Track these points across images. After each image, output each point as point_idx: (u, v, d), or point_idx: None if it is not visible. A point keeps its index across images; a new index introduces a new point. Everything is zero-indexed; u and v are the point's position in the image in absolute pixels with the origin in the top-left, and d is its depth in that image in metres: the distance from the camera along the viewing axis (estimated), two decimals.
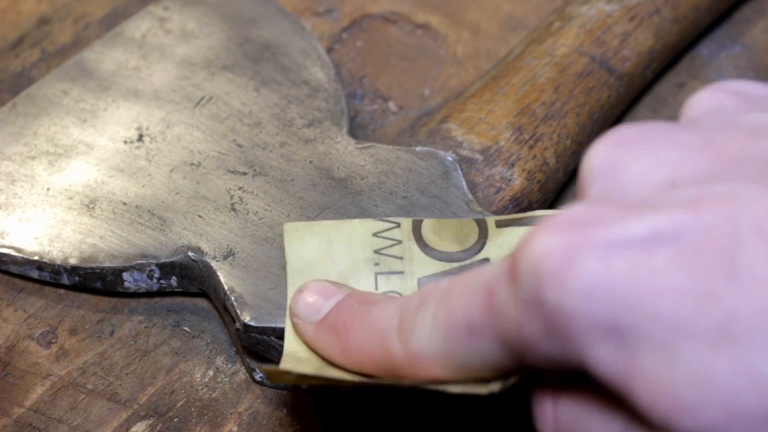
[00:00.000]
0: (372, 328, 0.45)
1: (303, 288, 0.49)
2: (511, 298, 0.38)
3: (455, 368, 0.41)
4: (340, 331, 0.47)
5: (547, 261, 0.36)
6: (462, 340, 0.40)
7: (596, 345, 0.36)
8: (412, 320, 0.43)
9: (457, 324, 0.40)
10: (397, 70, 0.72)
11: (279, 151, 0.62)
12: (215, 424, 0.56)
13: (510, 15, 0.74)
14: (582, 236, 0.36)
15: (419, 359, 0.42)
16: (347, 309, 0.47)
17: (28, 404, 0.57)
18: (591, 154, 0.39)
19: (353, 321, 0.46)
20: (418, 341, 0.42)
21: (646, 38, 0.67)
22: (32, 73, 0.70)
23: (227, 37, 0.68)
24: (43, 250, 0.59)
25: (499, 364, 0.40)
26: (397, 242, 0.52)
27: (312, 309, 0.48)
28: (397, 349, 0.43)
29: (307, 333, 0.48)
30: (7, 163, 0.63)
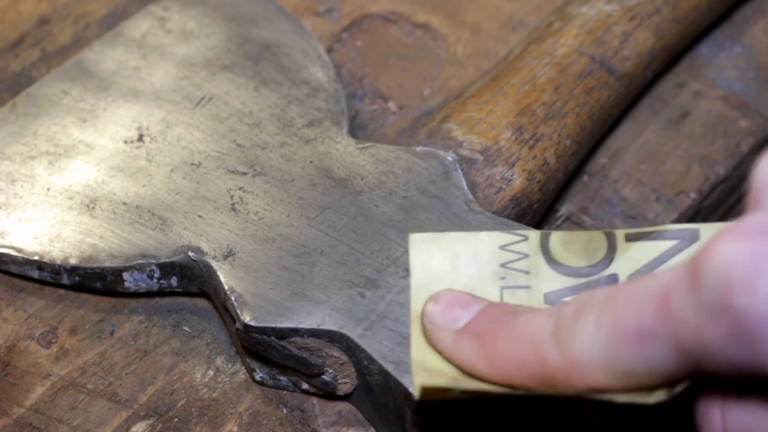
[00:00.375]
0: (522, 335, 0.44)
1: (437, 296, 0.49)
2: (692, 304, 0.38)
3: (619, 376, 0.41)
4: (485, 338, 0.46)
5: (735, 266, 0.37)
6: (630, 346, 0.41)
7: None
8: (570, 327, 0.43)
9: (625, 330, 0.41)
10: (397, 70, 0.72)
11: (279, 151, 0.62)
12: (215, 424, 0.56)
13: (510, 15, 0.74)
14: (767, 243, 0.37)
15: (579, 367, 0.42)
16: (492, 317, 0.47)
17: (28, 404, 0.57)
18: (761, 166, 0.40)
19: (500, 329, 0.45)
20: (579, 348, 0.42)
21: (646, 38, 0.67)
22: (32, 73, 0.70)
23: (227, 37, 0.68)
24: (43, 250, 0.59)
25: (668, 371, 0.40)
26: (524, 256, 0.51)
27: (451, 317, 0.48)
28: (553, 356, 0.43)
29: (445, 341, 0.47)
30: (7, 163, 0.63)
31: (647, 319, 0.40)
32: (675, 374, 0.40)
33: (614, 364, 0.41)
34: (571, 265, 0.50)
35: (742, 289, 0.37)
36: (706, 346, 0.38)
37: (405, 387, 0.51)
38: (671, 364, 0.40)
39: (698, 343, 0.39)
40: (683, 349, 0.39)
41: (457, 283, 0.50)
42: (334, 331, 0.54)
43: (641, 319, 0.40)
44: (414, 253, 0.51)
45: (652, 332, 0.40)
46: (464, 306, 0.48)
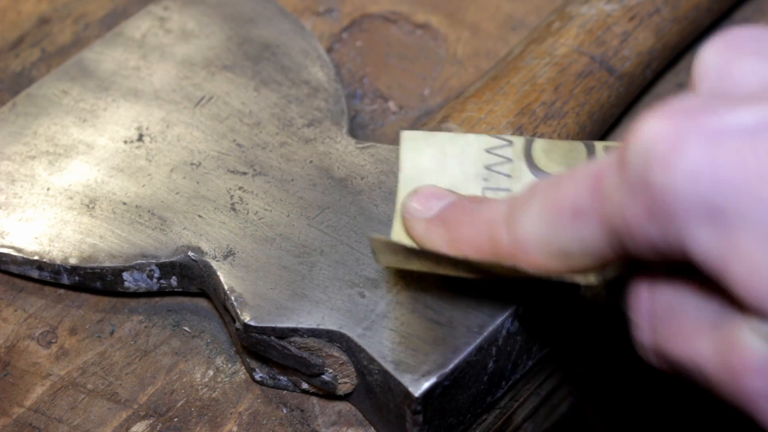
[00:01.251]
0: (481, 220, 0.47)
1: (418, 190, 0.52)
2: (619, 182, 0.39)
3: (556, 255, 0.43)
4: (450, 224, 0.49)
5: (656, 144, 0.38)
6: (566, 224, 0.42)
7: (697, 226, 0.37)
8: (520, 209, 0.45)
9: (562, 209, 0.42)
10: (397, 70, 0.72)
11: (279, 151, 0.62)
12: (215, 423, 0.56)
13: (510, 15, 0.74)
14: (692, 122, 0.37)
15: (523, 245, 0.44)
16: (459, 205, 0.50)
17: (28, 404, 0.57)
18: (702, 53, 0.41)
19: (464, 216, 0.49)
20: (523, 228, 0.44)
21: (646, 38, 0.67)
22: (32, 73, 0.70)
23: (227, 36, 0.68)
24: (43, 249, 0.59)
25: (599, 251, 0.42)
26: (507, 160, 0.53)
27: (425, 207, 0.51)
28: (502, 236, 0.45)
29: (418, 228, 0.51)
30: (7, 163, 0.63)
31: (582, 198, 0.41)
32: (604, 254, 0.42)
33: (551, 243, 0.43)
34: (552, 172, 0.52)
35: (660, 166, 0.38)
36: (628, 224, 0.39)
37: (405, 387, 0.51)
38: (600, 243, 0.41)
39: (621, 220, 0.39)
40: (609, 227, 0.40)
41: (443, 180, 0.53)
42: (333, 331, 0.54)
43: (577, 197, 0.42)
44: (405, 149, 0.54)
45: (585, 210, 0.41)
46: (439, 198, 0.51)
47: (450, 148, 0.54)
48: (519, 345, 0.55)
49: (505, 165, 0.53)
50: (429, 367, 0.52)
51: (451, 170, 0.53)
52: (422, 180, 0.53)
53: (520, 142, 0.54)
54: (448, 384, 0.52)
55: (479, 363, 0.53)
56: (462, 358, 0.52)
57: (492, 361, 0.54)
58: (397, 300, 0.54)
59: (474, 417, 0.56)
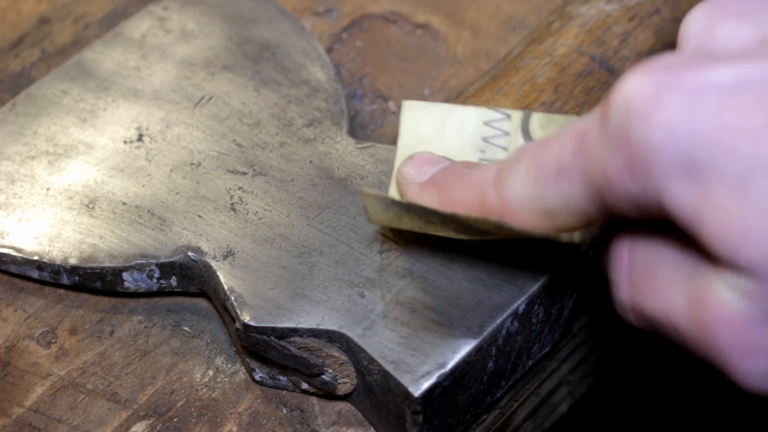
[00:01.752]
0: (472, 182, 0.48)
1: (413, 156, 0.53)
2: (600, 137, 0.40)
3: (541, 213, 0.44)
4: (442, 187, 0.50)
5: (636, 98, 0.39)
6: (550, 182, 0.43)
7: (674, 179, 0.38)
8: (508, 170, 0.46)
9: (547, 167, 0.43)
10: (397, 70, 0.72)
11: (279, 151, 0.62)
12: (215, 424, 0.56)
13: (510, 15, 0.74)
14: (673, 78, 0.38)
15: (510, 204, 0.46)
16: (451, 170, 0.51)
17: (28, 404, 0.57)
18: (688, 17, 0.42)
19: (455, 179, 0.50)
20: (511, 187, 0.45)
21: (646, 38, 0.67)
22: (32, 73, 0.70)
23: (227, 37, 0.68)
24: (43, 250, 0.59)
25: (582, 209, 0.43)
26: (504, 133, 0.54)
27: (419, 172, 0.52)
28: (491, 197, 0.47)
29: (411, 192, 0.52)
30: (7, 163, 0.63)
31: (566, 155, 0.42)
32: (586, 212, 0.43)
33: (536, 202, 0.44)
34: None
35: (639, 120, 0.39)
36: (608, 178, 0.40)
37: (405, 387, 0.51)
38: (583, 200, 0.42)
39: (602, 175, 0.40)
40: (591, 183, 0.41)
41: (440, 150, 0.54)
42: (333, 331, 0.54)
43: (561, 156, 0.43)
44: (405, 117, 0.55)
45: (568, 167, 0.42)
46: (433, 164, 0.52)
47: (449, 119, 0.55)
48: (519, 345, 0.55)
49: (502, 138, 0.54)
50: (429, 367, 0.52)
51: (449, 140, 0.55)
52: (420, 148, 0.54)
53: (518, 115, 0.54)
54: (447, 384, 0.52)
55: (479, 363, 0.53)
56: (462, 358, 0.52)
57: (492, 361, 0.54)
58: (397, 300, 0.54)
59: (474, 417, 0.56)
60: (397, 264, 0.56)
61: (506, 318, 0.53)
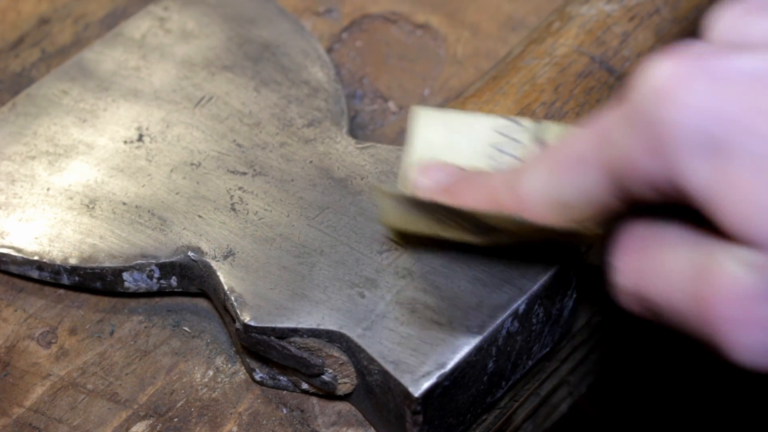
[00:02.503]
0: (485, 186, 0.49)
1: (425, 166, 0.53)
2: (623, 123, 0.41)
3: (559, 206, 0.45)
4: (455, 193, 0.50)
5: (663, 81, 0.40)
6: (568, 174, 0.44)
7: (695, 158, 0.39)
8: (522, 171, 0.46)
9: (565, 159, 0.44)
10: (397, 70, 0.72)
11: (279, 151, 0.62)
12: (215, 424, 0.56)
13: (510, 15, 0.74)
14: (698, 63, 0.39)
15: (525, 200, 0.46)
16: (465, 177, 0.51)
17: (28, 404, 0.57)
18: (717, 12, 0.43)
19: (468, 185, 0.50)
20: (526, 184, 0.46)
21: (646, 38, 0.67)
22: (32, 73, 0.70)
23: (227, 37, 0.68)
24: (43, 250, 0.59)
25: (600, 199, 0.43)
26: (517, 142, 0.54)
27: (430, 179, 0.52)
28: (505, 197, 0.47)
29: None
30: (7, 163, 0.63)
31: (585, 145, 0.43)
32: (606, 202, 0.43)
33: (553, 195, 0.45)
34: None
35: (665, 101, 0.39)
36: (629, 161, 0.41)
37: (405, 387, 0.51)
38: (601, 189, 0.43)
39: (621, 158, 0.41)
40: (611, 170, 0.42)
41: (451, 157, 0.54)
42: (333, 331, 0.54)
43: (578, 147, 0.43)
44: (417, 124, 0.55)
45: (585, 157, 0.43)
46: (447, 174, 0.52)
47: (461, 126, 0.55)
48: (519, 345, 0.55)
49: (515, 147, 0.54)
50: (429, 367, 0.52)
51: (461, 148, 0.54)
52: (431, 155, 0.54)
53: (531, 125, 0.54)
54: (448, 384, 0.52)
55: (479, 363, 0.53)
56: (462, 358, 0.52)
57: (492, 362, 0.54)
58: (397, 300, 0.54)
59: (474, 417, 0.56)
60: (397, 264, 0.56)
61: (506, 318, 0.53)
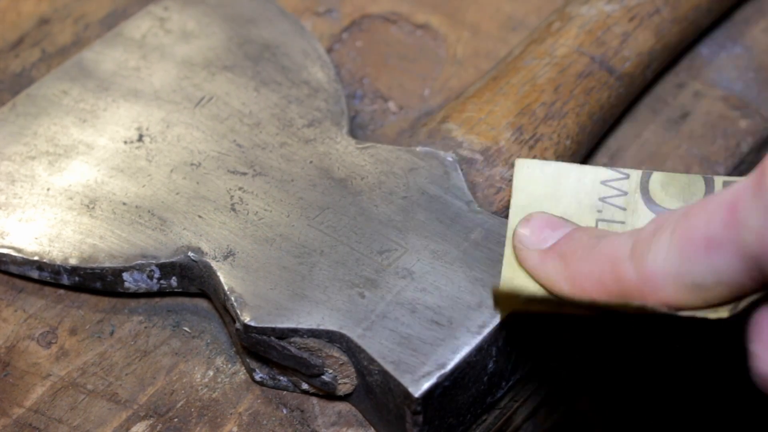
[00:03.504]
0: (603, 254, 0.46)
1: (530, 217, 0.50)
2: (756, 208, 0.39)
3: (689, 288, 0.42)
4: (568, 258, 0.47)
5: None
6: (699, 256, 0.41)
7: None
8: (646, 244, 0.44)
9: (695, 240, 0.41)
10: (397, 71, 0.72)
11: (279, 152, 0.62)
12: (215, 424, 0.56)
13: (510, 15, 0.74)
14: None
15: (652, 280, 0.43)
16: (577, 239, 0.48)
17: (28, 404, 0.57)
18: None
19: (583, 249, 0.47)
20: (653, 262, 0.43)
21: (646, 38, 0.67)
22: (32, 73, 0.70)
23: (227, 37, 0.68)
24: (43, 250, 0.59)
25: (734, 281, 0.41)
26: (623, 193, 0.52)
27: (539, 237, 0.49)
28: (629, 272, 0.44)
29: (531, 260, 0.49)
30: (7, 163, 0.63)
31: (716, 228, 0.40)
32: (741, 284, 0.41)
33: (684, 276, 0.42)
34: (668, 206, 0.51)
35: None
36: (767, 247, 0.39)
37: (405, 387, 0.51)
38: (737, 272, 0.40)
39: (761, 245, 0.39)
40: (747, 254, 0.39)
41: (556, 210, 0.52)
42: (333, 332, 0.54)
43: (710, 228, 0.41)
44: (518, 176, 0.53)
45: (719, 240, 0.40)
46: (553, 228, 0.49)
47: (564, 177, 0.53)
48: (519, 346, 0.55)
49: (620, 198, 0.52)
50: (429, 367, 0.52)
51: (565, 200, 0.52)
52: (534, 207, 0.52)
53: (636, 175, 0.52)
54: (448, 384, 0.52)
55: (479, 363, 0.53)
56: (462, 359, 0.52)
57: (492, 362, 0.54)
58: (397, 300, 0.54)
59: (474, 417, 0.56)
60: (398, 264, 0.56)
61: (507, 318, 0.53)
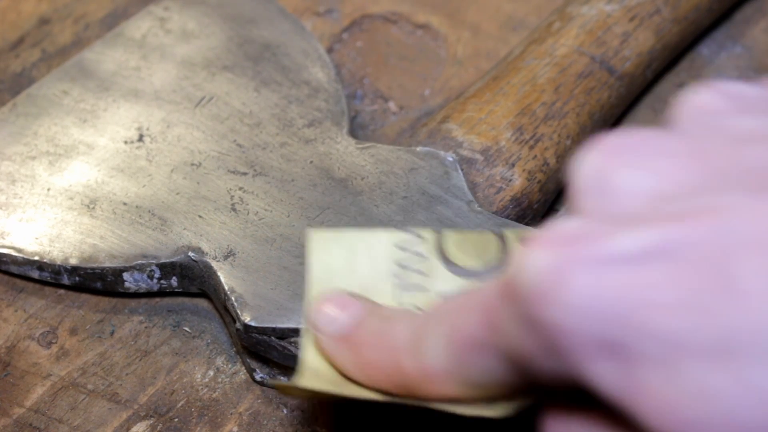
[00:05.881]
0: (386, 344, 0.44)
1: (325, 297, 0.48)
2: (508, 316, 0.37)
3: (467, 386, 0.41)
4: (356, 346, 0.46)
5: (538, 278, 0.35)
6: (469, 356, 0.40)
7: (594, 361, 0.35)
8: (423, 337, 0.42)
9: (463, 340, 0.40)
10: (398, 70, 0.72)
11: (279, 152, 0.62)
12: (215, 424, 0.56)
13: (510, 15, 0.74)
14: (572, 252, 0.35)
15: (431, 377, 0.42)
16: (366, 326, 0.46)
17: (28, 404, 0.57)
18: (579, 163, 0.39)
19: (369, 337, 0.45)
20: (429, 358, 0.42)
21: (646, 38, 0.67)
22: (32, 74, 0.70)
23: (227, 37, 0.68)
24: (44, 250, 0.59)
25: (507, 381, 0.39)
26: (420, 256, 0.50)
27: (328, 320, 0.47)
28: (409, 366, 0.43)
29: (327, 346, 0.47)
30: (7, 164, 0.63)
31: (478, 330, 0.39)
32: (514, 385, 0.39)
33: (460, 374, 0.41)
34: (465, 266, 0.50)
35: (545, 302, 0.35)
36: (525, 358, 0.37)
37: None
38: (506, 374, 0.39)
39: (518, 355, 0.37)
40: (510, 359, 0.38)
41: (353, 281, 0.49)
42: None
43: (473, 329, 0.39)
44: (312, 250, 0.50)
45: (483, 342, 0.39)
46: (342, 308, 0.47)
47: (360, 246, 0.50)
48: None
49: (418, 262, 0.50)
50: None
51: (362, 270, 0.50)
52: (332, 282, 0.49)
53: (431, 236, 0.50)
54: None
55: None
56: None
57: None
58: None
59: None
60: None
61: None
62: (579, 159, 0.39)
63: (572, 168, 0.39)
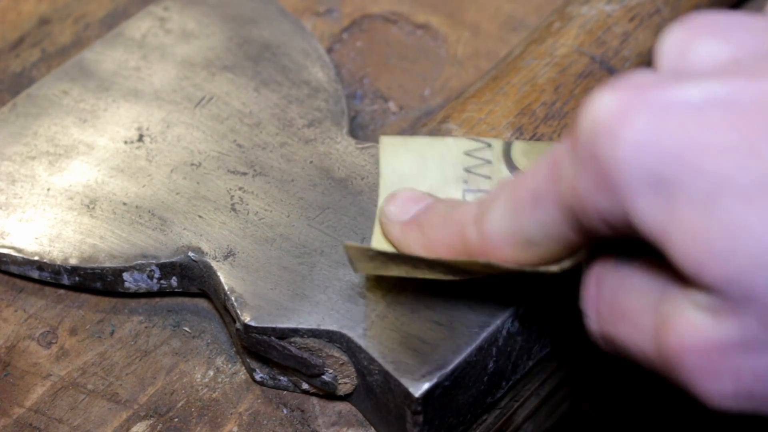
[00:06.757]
0: (453, 221, 0.48)
1: (395, 194, 0.52)
2: (570, 158, 0.40)
3: (523, 244, 0.44)
4: (424, 227, 0.50)
5: (603, 116, 0.39)
6: (526, 211, 0.43)
7: (641, 195, 0.38)
8: (487, 207, 0.46)
9: (523, 197, 0.43)
10: (398, 70, 0.72)
11: (279, 152, 0.62)
12: (215, 424, 0.56)
13: (510, 15, 0.74)
14: (639, 95, 0.38)
15: (491, 240, 0.45)
16: (434, 209, 0.50)
17: (28, 404, 0.57)
18: (664, 37, 0.42)
19: (438, 218, 0.49)
20: (490, 222, 0.45)
21: (646, 38, 0.67)
22: (32, 74, 0.70)
23: (227, 37, 0.68)
24: (44, 250, 0.59)
25: (560, 235, 0.42)
26: (486, 162, 0.53)
27: (401, 210, 0.51)
28: (472, 235, 0.46)
29: (395, 232, 0.51)
30: (7, 164, 0.63)
31: (539, 183, 0.42)
32: (566, 238, 0.42)
33: (517, 233, 0.44)
34: None
35: (606, 137, 0.38)
36: (579, 198, 0.40)
37: (405, 387, 0.51)
38: (560, 224, 0.42)
39: (573, 196, 0.40)
40: (565, 205, 0.41)
41: (423, 184, 0.53)
42: (334, 331, 0.54)
43: (535, 183, 0.43)
44: (384, 154, 0.54)
45: (542, 194, 0.42)
46: (416, 202, 0.51)
47: (429, 151, 0.54)
48: (519, 345, 0.55)
49: (484, 167, 0.53)
50: (429, 367, 0.52)
51: (431, 174, 0.53)
52: (402, 184, 0.53)
53: (498, 144, 0.54)
54: (448, 384, 0.52)
55: (479, 363, 0.53)
56: (462, 359, 0.52)
57: (492, 362, 0.54)
58: (397, 300, 0.54)
59: (474, 417, 0.56)
60: None
61: (507, 318, 0.53)
62: (665, 33, 0.42)
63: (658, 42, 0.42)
